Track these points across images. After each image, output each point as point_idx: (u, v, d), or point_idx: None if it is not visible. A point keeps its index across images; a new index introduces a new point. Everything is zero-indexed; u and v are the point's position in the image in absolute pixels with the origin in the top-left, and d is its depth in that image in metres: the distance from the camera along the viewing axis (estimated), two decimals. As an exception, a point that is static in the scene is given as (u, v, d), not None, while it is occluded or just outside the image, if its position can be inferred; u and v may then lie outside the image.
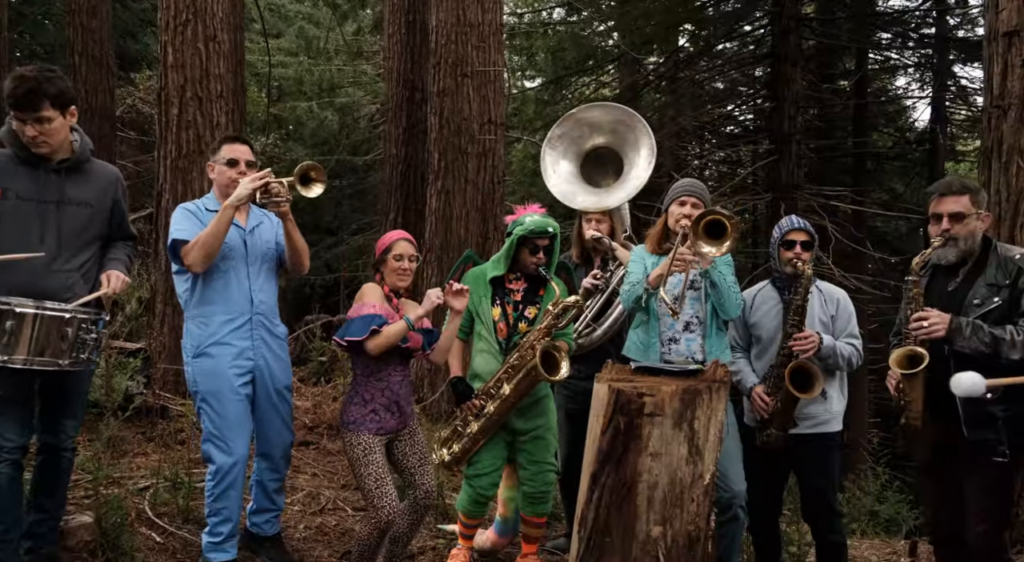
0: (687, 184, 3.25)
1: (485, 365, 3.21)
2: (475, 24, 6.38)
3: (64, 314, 2.40)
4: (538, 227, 3.14)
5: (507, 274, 3.26)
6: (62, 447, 2.71)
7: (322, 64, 13.11)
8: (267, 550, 3.28)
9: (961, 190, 2.65)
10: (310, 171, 3.02)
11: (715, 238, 2.84)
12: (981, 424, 2.58)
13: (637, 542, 2.38)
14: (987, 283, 2.63)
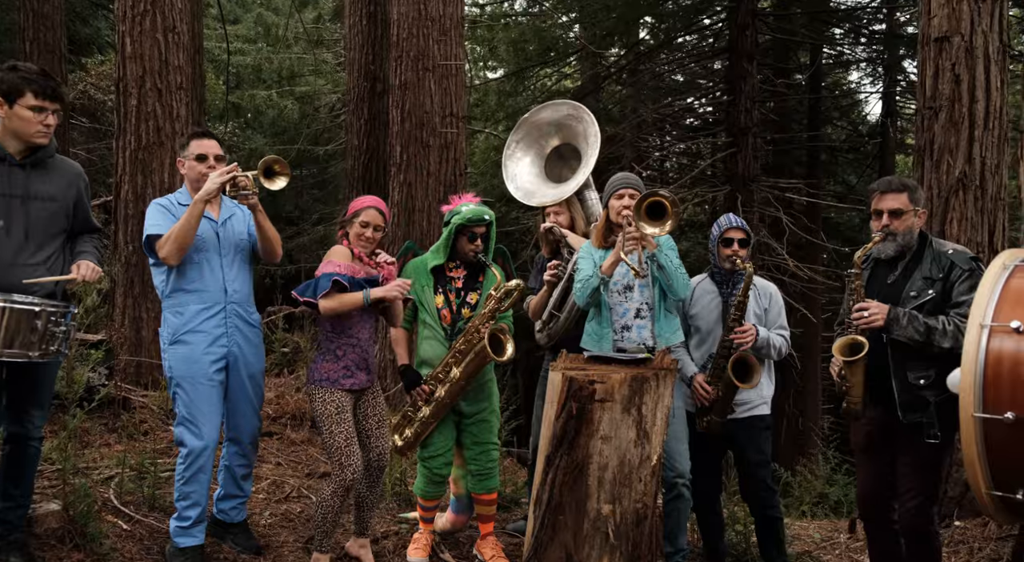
0: (623, 177, 3.41)
1: (432, 351, 3.35)
2: (436, 18, 6.47)
3: (34, 307, 2.47)
4: (474, 215, 3.29)
5: (447, 263, 3.39)
6: (29, 437, 2.78)
7: (281, 52, 13.02)
8: (233, 536, 3.39)
9: (900, 188, 2.85)
10: (274, 164, 3.13)
11: (657, 219, 3.00)
12: (915, 408, 2.79)
13: (588, 519, 2.55)
14: (923, 276, 2.83)
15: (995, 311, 1.67)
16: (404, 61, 6.43)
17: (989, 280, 1.70)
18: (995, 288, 1.69)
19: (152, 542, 3.23)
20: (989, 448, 1.67)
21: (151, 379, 5.20)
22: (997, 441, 1.65)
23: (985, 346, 1.65)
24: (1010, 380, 1.62)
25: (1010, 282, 1.69)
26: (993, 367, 1.64)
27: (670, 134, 14.25)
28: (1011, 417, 1.61)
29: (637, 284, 3.27)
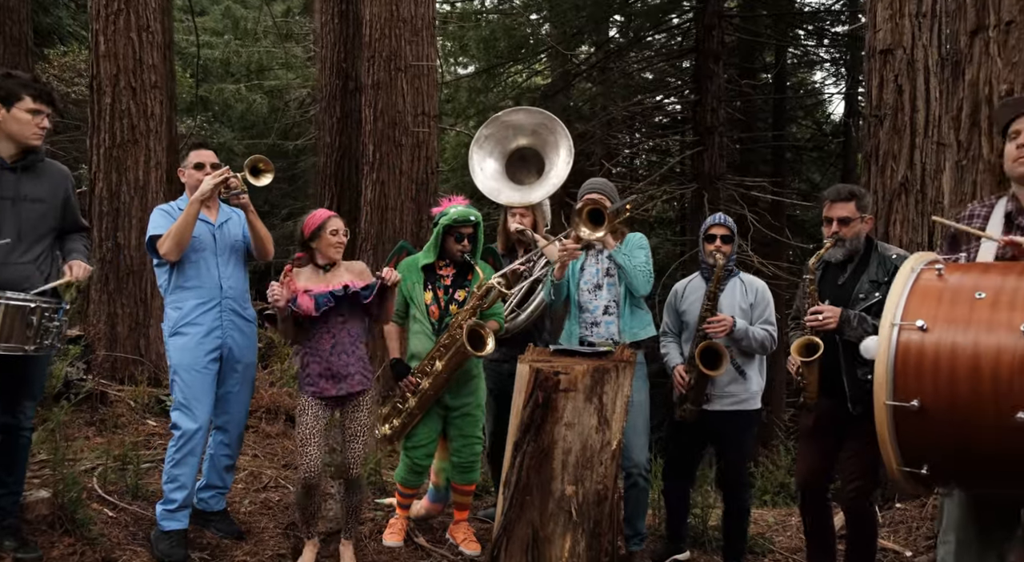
0: (593, 183, 3.67)
1: (420, 346, 3.57)
2: (408, 19, 6.66)
3: (29, 303, 2.64)
4: (461, 217, 3.51)
5: (437, 261, 3.62)
6: (21, 427, 2.95)
7: (250, 45, 13.05)
8: (215, 523, 3.57)
9: (848, 197, 3.12)
10: (259, 163, 3.40)
11: (596, 224, 3.26)
12: (863, 400, 3.07)
13: (553, 499, 2.79)
14: (870, 279, 3.10)
15: (903, 310, 1.92)
16: (377, 61, 6.60)
17: (899, 282, 1.95)
18: (904, 290, 1.94)
19: (137, 528, 3.40)
20: (898, 431, 1.92)
21: (127, 374, 5.34)
22: (905, 424, 1.91)
23: (895, 342, 1.91)
24: (915, 372, 1.87)
25: (916, 284, 1.95)
26: (901, 360, 1.89)
27: (639, 131, 14.57)
28: (916, 404, 1.86)
29: (606, 283, 3.52)
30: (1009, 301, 1.83)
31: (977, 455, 1.86)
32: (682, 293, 3.64)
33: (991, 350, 1.79)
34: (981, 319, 1.84)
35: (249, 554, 3.42)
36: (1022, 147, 2.18)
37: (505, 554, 2.79)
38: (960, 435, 1.86)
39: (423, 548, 3.70)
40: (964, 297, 1.90)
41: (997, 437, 1.79)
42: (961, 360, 1.83)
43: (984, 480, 2.00)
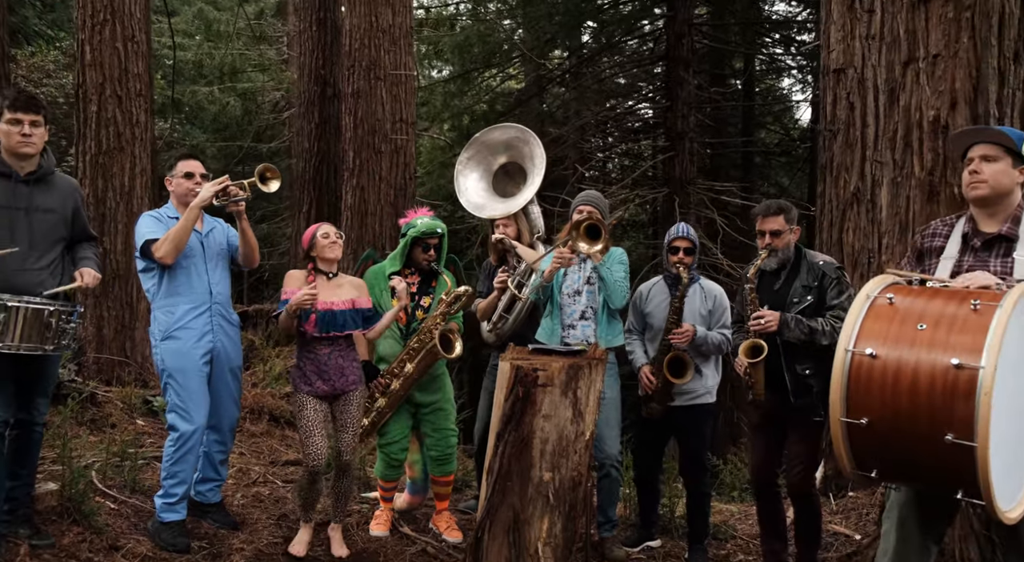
0: (586, 196, 4.00)
1: (389, 349, 3.87)
2: (387, 28, 6.95)
3: (48, 307, 2.89)
4: (428, 229, 3.83)
5: (403, 269, 3.92)
6: (34, 422, 3.19)
7: (223, 47, 13.19)
8: (212, 514, 3.83)
9: (778, 211, 3.49)
10: (266, 171, 3.67)
11: (593, 239, 3.59)
12: (803, 394, 3.43)
13: (532, 484, 3.10)
14: (801, 284, 3.47)
15: (856, 338, 2.26)
16: (357, 70, 6.88)
17: (854, 310, 2.27)
18: (859, 316, 2.28)
19: (138, 519, 3.65)
20: (851, 442, 2.26)
21: (115, 375, 5.55)
22: (856, 437, 2.25)
23: (848, 367, 2.25)
24: (864, 393, 2.20)
25: (870, 311, 2.28)
26: (853, 382, 2.23)
27: (612, 136, 14.97)
28: (864, 421, 2.21)
29: (585, 290, 3.86)
30: (947, 329, 2.13)
31: (914, 464, 2.20)
32: (646, 295, 3.99)
33: (925, 376, 2.10)
34: (919, 345, 2.14)
35: (245, 543, 3.68)
36: (974, 173, 2.50)
37: (489, 535, 3.09)
38: (901, 448, 2.19)
39: (408, 537, 3.99)
40: (909, 324, 2.20)
41: (930, 452, 2.11)
42: (902, 385, 2.14)
43: (921, 482, 2.36)
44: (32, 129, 3.03)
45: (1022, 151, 2.41)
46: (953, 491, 2.14)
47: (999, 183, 2.44)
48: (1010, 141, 2.41)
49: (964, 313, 2.14)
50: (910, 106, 3.17)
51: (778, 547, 3.65)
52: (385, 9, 6.95)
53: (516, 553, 3.04)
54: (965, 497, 2.11)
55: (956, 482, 2.11)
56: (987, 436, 2.00)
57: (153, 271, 3.56)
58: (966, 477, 2.07)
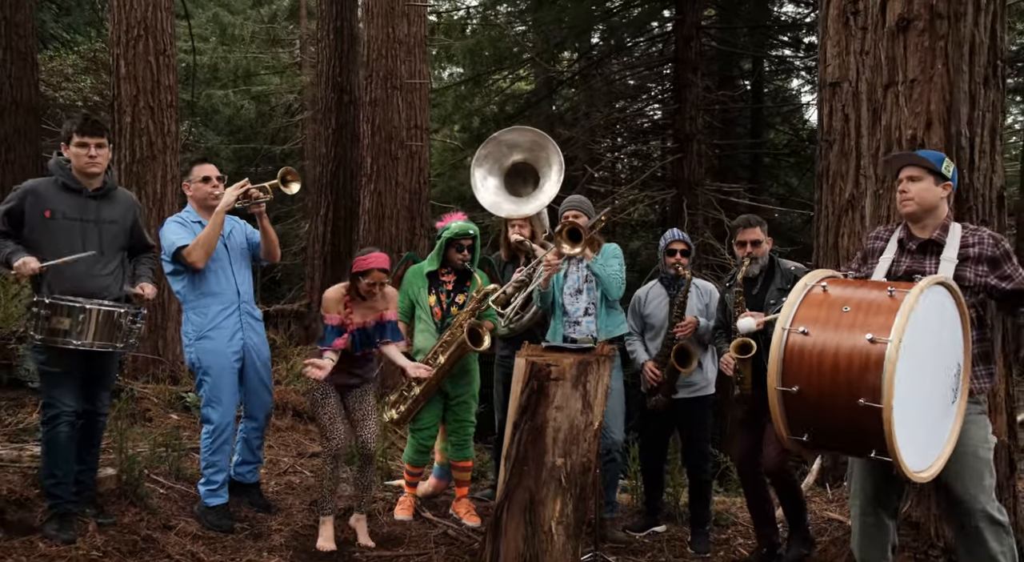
0: (571, 201, 4.40)
1: (424, 342, 4.28)
2: (403, 39, 7.36)
3: (118, 308, 3.32)
4: (461, 230, 4.24)
5: (440, 269, 4.33)
6: (98, 413, 3.61)
7: (237, 51, 13.65)
8: (250, 495, 4.25)
9: (756, 224, 3.91)
10: (287, 174, 4.04)
11: (575, 241, 3.99)
12: None
13: (546, 469, 3.50)
14: (777, 288, 3.87)
15: (794, 317, 2.67)
16: (374, 80, 7.30)
17: (793, 295, 2.69)
18: (796, 301, 2.68)
19: (184, 503, 4.07)
20: (786, 409, 2.66)
21: (149, 373, 5.98)
22: (789, 404, 2.66)
23: (784, 342, 2.65)
24: (796, 365, 2.60)
25: (806, 298, 2.70)
26: (788, 356, 2.62)
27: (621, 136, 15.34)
28: (796, 389, 2.61)
29: (585, 288, 4.26)
30: (865, 312, 2.56)
31: (836, 428, 2.59)
32: (644, 299, 4.39)
33: (845, 350, 2.51)
34: (843, 325, 2.56)
35: (282, 525, 4.10)
36: (903, 192, 2.94)
37: (507, 514, 3.49)
38: (825, 413, 2.59)
39: (430, 521, 4.40)
40: (836, 308, 2.63)
41: (848, 416, 2.51)
42: (826, 357, 2.55)
43: (842, 445, 2.75)
44: (97, 151, 3.45)
45: (942, 171, 2.83)
46: (868, 452, 2.53)
47: (924, 199, 2.87)
48: (931, 164, 2.85)
49: (881, 298, 2.57)
50: (891, 125, 3.55)
51: (769, 530, 4.05)
52: (401, 20, 7.36)
53: (532, 530, 3.44)
54: (877, 455, 2.50)
55: (869, 443, 2.50)
56: (891, 399, 2.40)
57: (182, 274, 3.92)
58: (877, 437, 2.46)
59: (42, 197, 3.43)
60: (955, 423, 2.79)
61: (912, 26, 3.50)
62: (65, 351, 3.28)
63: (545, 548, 3.41)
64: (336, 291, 3.95)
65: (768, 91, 14.67)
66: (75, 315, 3.20)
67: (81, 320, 3.21)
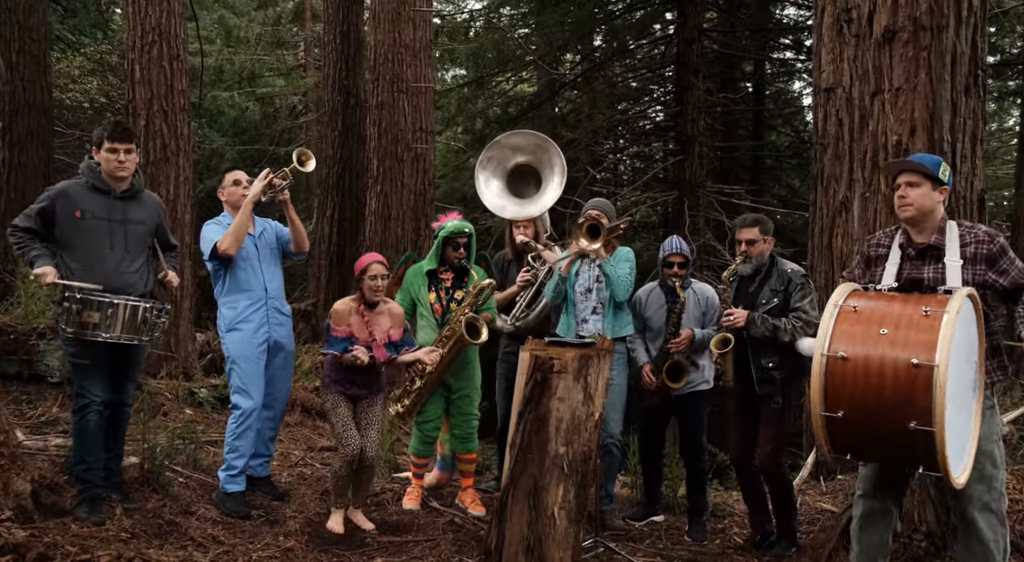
0: (594, 203, 4.62)
1: (426, 337, 4.50)
2: (409, 44, 7.60)
3: (144, 304, 3.55)
4: (456, 229, 4.48)
5: (438, 267, 4.57)
6: (124, 403, 3.85)
7: (242, 53, 13.90)
8: (261, 487, 4.48)
9: (753, 223, 4.12)
10: (301, 155, 4.28)
11: (595, 237, 4.21)
12: (766, 383, 4.05)
13: (549, 457, 3.72)
14: (771, 288, 4.09)
15: (829, 343, 2.82)
16: (381, 84, 7.54)
17: (826, 318, 2.80)
18: (830, 324, 2.82)
19: (203, 491, 4.30)
20: (830, 432, 2.80)
21: (162, 369, 6.21)
22: (833, 428, 2.79)
23: (824, 367, 2.81)
24: (838, 390, 2.71)
25: (839, 318, 2.85)
26: (829, 381, 2.75)
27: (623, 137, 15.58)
28: (840, 414, 2.75)
29: (595, 288, 4.49)
30: (905, 331, 2.65)
31: (883, 447, 2.74)
32: (645, 301, 4.61)
33: (890, 374, 2.62)
34: (882, 346, 2.66)
35: (296, 512, 4.33)
36: (901, 197, 3.08)
37: (512, 500, 3.71)
38: (871, 434, 2.72)
39: (437, 510, 4.63)
40: (873, 329, 2.72)
41: (896, 436, 2.64)
42: (871, 381, 2.66)
43: (889, 462, 2.95)
44: (126, 156, 3.70)
45: (939, 175, 3.01)
46: (916, 467, 2.72)
47: (922, 204, 3.03)
48: (928, 169, 3.01)
49: (918, 317, 2.68)
50: (877, 131, 3.78)
51: (762, 518, 4.28)
52: (407, 25, 7.60)
53: (535, 515, 3.66)
54: (926, 471, 2.67)
55: (918, 460, 2.66)
56: (943, 422, 2.54)
57: (220, 272, 4.22)
58: (926, 456, 2.61)
59: (73, 198, 3.66)
60: (975, 424, 2.94)
61: (897, 37, 3.73)
62: (94, 343, 3.52)
63: (548, 532, 3.63)
64: (345, 304, 4.17)
65: (770, 93, 14.89)
66: (104, 309, 3.44)
67: (110, 314, 3.45)
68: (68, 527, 3.38)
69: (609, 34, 12.81)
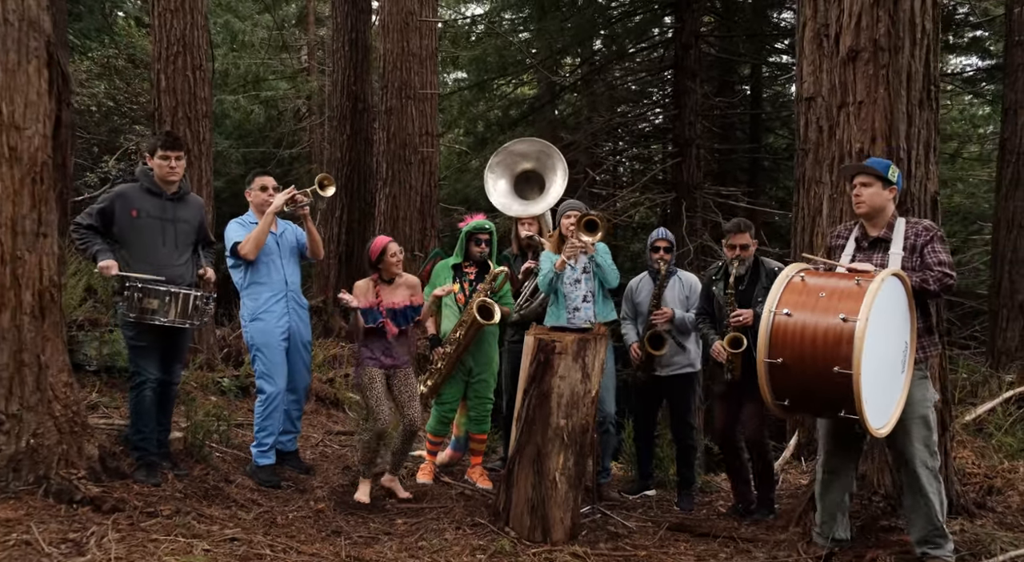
0: (568, 203, 5.23)
1: (449, 324, 5.11)
2: (416, 53, 8.22)
3: (194, 292, 4.15)
4: (478, 226, 5.12)
5: (463, 262, 5.19)
6: (172, 382, 4.45)
7: (246, 57, 14.51)
8: (289, 461, 5.07)
9: (745, 228, 4.71)
10: (323, 180, 4.90)
11: (592, 231, 4.81)
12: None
13: (551, 428, 4.31)
14: (762, 286, 4.67)
15: (777, 303, 3.44)
16: (390, 91, 8.15)
17: (777, 284, 3.44)
18: (780, 289, 3.44)
19: (237, 464, 4.89)
20: (771, 377, 3.41)
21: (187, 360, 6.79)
22: (774, 374, 3.41)
23: (771, 322, 3.42)
24: (781, 341, 3.34)
25: (788, 286, 3.44)
26: (774, 333, 3.38)
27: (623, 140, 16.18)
28: (780, 361, 3.38)
29: (584, 278, 5.09)
30: (838, 297, 3.30)
31: (813, 392, 3.35)
32: (635, 288, 5.25)
33: (823, 328, 3.26)
34: (820, 308, 3.31)
35: (321, 484, 4.92)
36: (856, 196, 3.71)
37: (518, 466, 4.31)
38: (804, 380, 3.34)
39: (448, 483, 5.22)
40: (813, 294, 3.38)
41: (823, 381, 3.25)
42: (806, 333, 3.31)
43: (818, 406, 3.53)
44: (176, 163, 4.31)
45: (888, 177, 3.63)
46: (839, 412, 3.32)
47: (874, 202, 3.66)
48: (879, 171, 3.64)
49: (850, 286, 3.34)
50: (843, 140, 4.36)
51: (744, 489, 4.89)
52: (414, 35, 8.21)
53: (539, 479, 4.25)
54: (847, 414, 3.29)
55: (841, 404, 3.28)
56: (860, 367, 3.16)
57: (241, 266, 4.78)
58: (846, 399, 3.23)
59: (130, 199, 4.27)
60: (904, 387, 3.54)
61: (859, 56, 4.33)
62: (152, 327, 4.12)
63: (550, 495, 4.23)
64: (364, 282, 4.78)
65: (767, 96, 15.49)
66: (162, 297, 4.04)
67: (167, 301, 4.05)
68: (131, 487, 3.97)
69: (608, 38, 13.39)
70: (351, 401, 7.32)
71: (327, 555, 3.58)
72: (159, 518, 3.65)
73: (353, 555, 3.63)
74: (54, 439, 3.70)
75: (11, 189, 3.57)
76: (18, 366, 3.60)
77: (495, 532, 4.18)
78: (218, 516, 3.91)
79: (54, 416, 3.72)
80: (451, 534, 4.14)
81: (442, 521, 4.39)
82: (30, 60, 3.63)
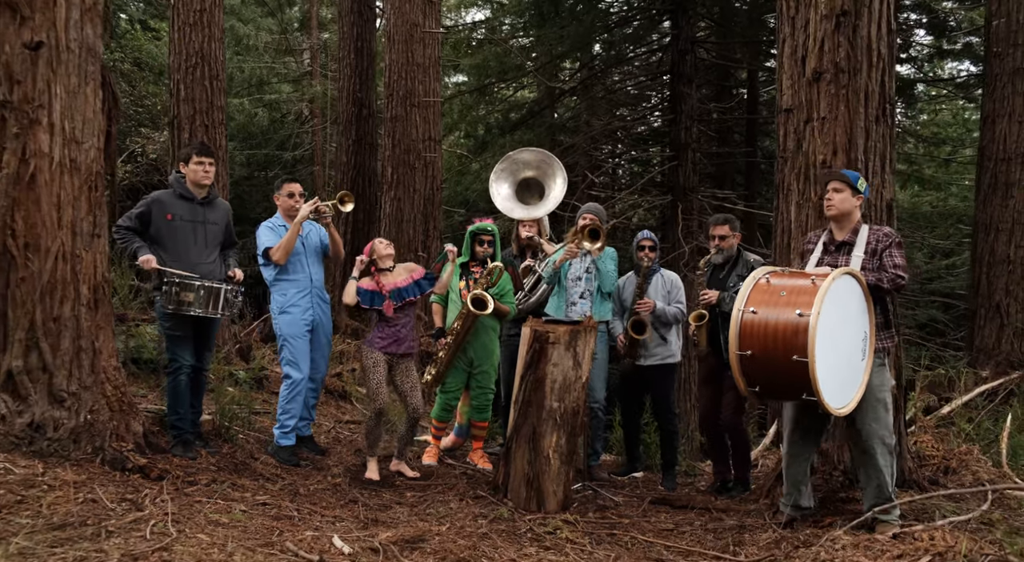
0: (589, 207, 5.85)
1: (454, 317, 5.72)
2: (420, 62, 8.84)
3: (225, 286, 4.77)
4: (481, 228, 5.75)
5: (470, 261, 5.80)
6: (203, 368, 5.08)
7: (250, 61, 15.14)
8: (306, 444, 5.68)
9: (724, 222, 5.35)
10: (344, 197, 5.52)
11: (594, 239, 5.44)
12: None
13: (545, 410, 4.92)
14: (737, 274, 5.31)
15: (745, 302, 4.05)
16: (395, 99, 8.77)
17: (746, 285, 4.06)
18: (747, 290, 4.04)
19: (260, 445, 5.51)
20: (742, 367, 4.02)
21: (207, 353, 7.40)
22: (744, 364, 4.01)
23: (740, 319, 4.03)
24: (749, 335, 3.94)
25: (755, 287, 4.06)
26: (743, 329, 3.99)
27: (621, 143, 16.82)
28: (749, 353, 3.98)
29: (584, 276, 5.71)
30: (796, 295, 3.92)
31: (777, 379, 3.93)
32: (623, 286, 5.90)
33: (783, 322, 3.86)
34: (780, 305, 3.91)
35: (336, 463, 5.53)
36: (828, 200, 4.31)
37: (516, 444, 4.92)
38: (770, 369, 3.94)
39: (452, 465, 5.83)
40: (775, 293, 4.00)
41: (785, 369, 3.83)
42: (769, 327, 3.91)
43: (782, 391, 4.13)
44: (209, 168, 4.92)
45: (857, 186, 4.23)
46: (800, 395, 3.92)
47: (843, 207, 4.26)
48: (850, 180, 4.23)
49: (807, 285, 3.95)
50: (808, 152, 4.98)
51: (723, 468, 5.51)
52: (418, 46, 8.83)
53: (535, 456, 4.87)
54: (807, 397, 3.88)
55: (801, 388, 3.87)
56: (814, 353, 3.75)
57: (270, 265, 5.40)
58: (805, 383, 3.82)
59: (165, 204, 4.88)
60: (864, 373, 4.13)
61: (823, 77, 4.95)
62: (187, 318, 4.74)
63: (544, 469, 4.84)
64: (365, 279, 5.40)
65: (763, 100, 16.12)
66: (197, 291, 4.66)
67: (202, 294, 4.67)
68: (171, 460, 4.58)
69: (607, 43, 14.01)
70: (359, 394, 7.93)
71: (347, 517, 4.19)
72: (198, 485, 4.27)
73: (371, 518, 4.24)
74: (106, 416, 4.32)
75: (71, 195, 4.18)
76: (77, 351, 4.21)
77: (495, 502, 4.79)
78: (249, 485, 4.52)
79: (106, 395, 4.34)
80: (455, 504, 4.75)
81: (447, 494, 5.01)
82: (88, 82, 4.24)
